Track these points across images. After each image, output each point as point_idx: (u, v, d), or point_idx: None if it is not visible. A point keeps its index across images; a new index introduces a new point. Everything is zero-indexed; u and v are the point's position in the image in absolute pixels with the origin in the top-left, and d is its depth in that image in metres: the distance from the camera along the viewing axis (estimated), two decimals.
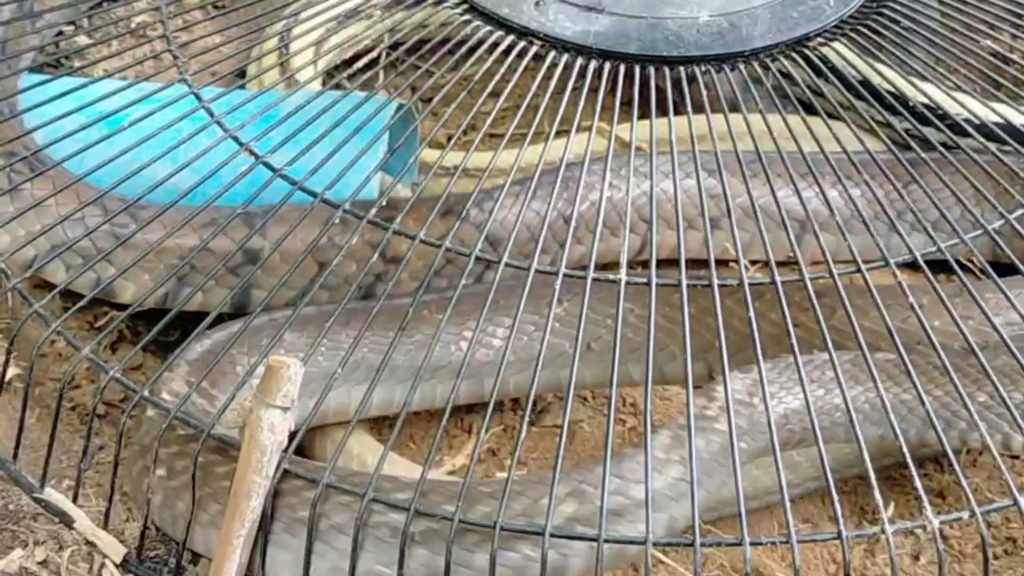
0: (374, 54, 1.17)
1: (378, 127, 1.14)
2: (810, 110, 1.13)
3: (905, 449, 0.96)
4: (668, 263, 1.13)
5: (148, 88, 1.16)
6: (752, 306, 0.98)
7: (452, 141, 1.19)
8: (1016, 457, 1.20)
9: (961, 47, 1.15)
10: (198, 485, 1.00)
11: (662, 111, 1.10)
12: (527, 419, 0.99)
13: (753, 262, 1.33)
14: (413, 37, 1.16)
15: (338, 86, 1.19)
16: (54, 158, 1.15)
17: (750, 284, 1.01)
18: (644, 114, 1.08)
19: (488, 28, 1.14)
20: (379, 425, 1.21)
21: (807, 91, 1.13)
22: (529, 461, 1.23)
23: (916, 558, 1.14)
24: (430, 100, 1.17)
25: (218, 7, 1.55)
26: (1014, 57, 1.15)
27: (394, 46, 1.31)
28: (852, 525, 1.15)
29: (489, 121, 1.11)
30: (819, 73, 1.14)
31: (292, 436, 0.96)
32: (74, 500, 1.06)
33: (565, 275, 1.01)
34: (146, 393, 1.00)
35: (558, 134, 1.12)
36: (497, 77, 1.12)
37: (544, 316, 1.03)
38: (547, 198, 1.14)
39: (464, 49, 1.14)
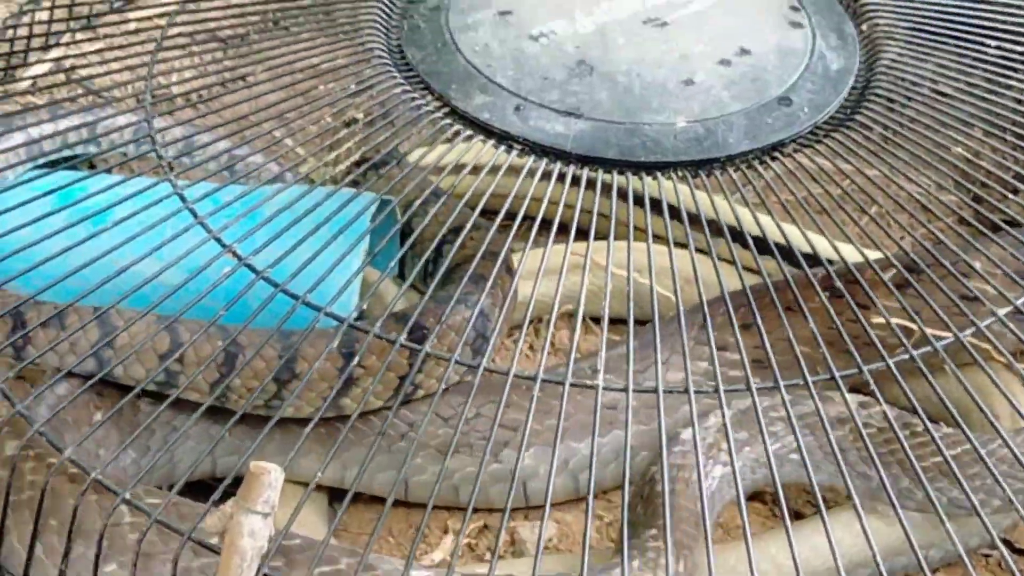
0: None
1: (363, 225, 1.15)
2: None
3: None
4: None
5: (133, 187, 1.16)
6: None
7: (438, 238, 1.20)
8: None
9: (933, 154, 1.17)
10: None
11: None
12: (506, 517, 0.99)
13: None
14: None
15: (335, 180, 1.20)
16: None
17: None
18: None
19: (469, 132, 1.16)
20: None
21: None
22: (507, 555, 1.24)
23: None
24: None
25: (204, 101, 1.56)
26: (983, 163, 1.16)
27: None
28: None
29: (472, 220, 1.13)
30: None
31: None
32: None
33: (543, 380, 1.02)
34: (99, 477, 1.00)
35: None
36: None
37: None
38: None
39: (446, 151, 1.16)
